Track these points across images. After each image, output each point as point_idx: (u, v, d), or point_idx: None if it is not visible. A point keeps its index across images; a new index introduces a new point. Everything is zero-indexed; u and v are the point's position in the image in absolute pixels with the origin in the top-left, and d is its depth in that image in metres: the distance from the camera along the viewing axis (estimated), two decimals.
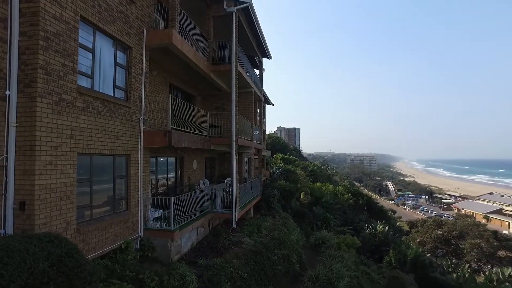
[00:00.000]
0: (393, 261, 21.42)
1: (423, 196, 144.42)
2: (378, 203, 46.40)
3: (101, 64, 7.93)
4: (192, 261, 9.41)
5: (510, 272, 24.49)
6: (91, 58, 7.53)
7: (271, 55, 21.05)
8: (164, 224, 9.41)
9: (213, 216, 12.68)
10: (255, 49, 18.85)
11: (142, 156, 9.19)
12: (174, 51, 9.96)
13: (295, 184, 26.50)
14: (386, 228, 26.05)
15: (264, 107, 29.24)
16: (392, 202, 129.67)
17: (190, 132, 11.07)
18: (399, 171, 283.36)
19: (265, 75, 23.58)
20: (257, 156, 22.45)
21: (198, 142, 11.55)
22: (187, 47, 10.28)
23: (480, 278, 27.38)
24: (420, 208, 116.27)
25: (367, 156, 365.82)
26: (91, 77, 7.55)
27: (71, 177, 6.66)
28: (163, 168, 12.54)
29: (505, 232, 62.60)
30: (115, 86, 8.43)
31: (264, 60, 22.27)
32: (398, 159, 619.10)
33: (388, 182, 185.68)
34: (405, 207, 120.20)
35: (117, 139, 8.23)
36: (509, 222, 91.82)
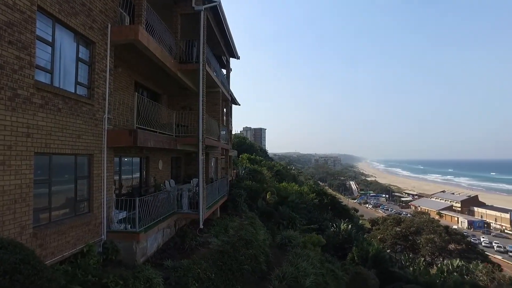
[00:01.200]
0: (356, 258, 22.20)
1: (384, 195, 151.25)
2: (342, 202, 47.94)
3: (62, 58, 7.53)
4: (158, 263, 9.21)
5: (458, 263, 26.37)
6: (50, 52, 7.12)
7: (239, 55, 21.08)
8: (129, 226, 9.12)
9: (180, 217, 12.47)
10: (223, 48, 18.78)
11: (105, 156, 8.85)
12: (140, 48, 9.68)
13: (261, 184, 26.71)
14: (349, 226, 26.97)
15: (231, 107, 29.19)
16: (355, 201, 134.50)
17: (156, 132, 10.82)
18: (361, 171, 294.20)
19: (232, 75, 23.56)
20: (223, 156, 22.35)
21: (164, 141, 11.31)
22: (154, 45, 10.03)
23: (434, 270, 29.09)
24: (381, 207, 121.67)
25: (331, 157, 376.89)
26: (51, 72, 7.14)
27: (27, 178, 6.27)
28: (128, 168, 12.14)
29: (454, 227, 67.10)
30: (77, 83, 8.05)
31: (232, 60, 22.26)
32: (361, 159, 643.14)
33: (351, 182, 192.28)
34: (367, 205, 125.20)
35: (79, 138, 7.86)
36: (458, 218, 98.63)
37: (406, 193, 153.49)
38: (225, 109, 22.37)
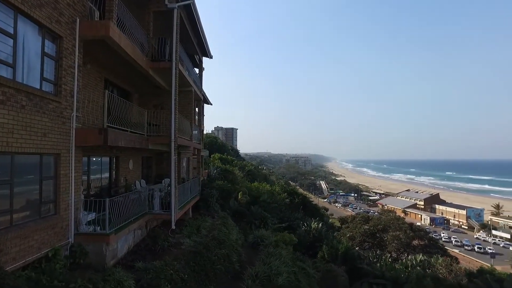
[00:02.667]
0: (326, 256, 22.68)
1: (353, 194, 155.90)
2: (312, 201, 48.87)
3: (25, 52, 7.14)
4: (130, 265, 8.98)
5: (420, 258, 27.73)
6: (12, 45, 6.73)
7: (212, 54, 20.95)
8: (99, 227, 8.80)
9: (151, 218, 12.22)
10: (196, 47, 18.59)
11: (73, 156, 8.49)
12: (111, 45, 9.38)
13: (233, 184, 26.69)
14: (320, 225, 27.52)
15: (203, 107, 28.92)
16: (325, 200, 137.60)
17: (127, 131, 10.53)
18: (331, 171, 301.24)
19: (204, 74, 23.36)
20: (195, 156, 22.13)
21: (135, 141, 11.04)
22: (125, 41, 9.76)
23: (399, 265, 30.33)
24: (350, 205, 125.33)
25: (302, 157, 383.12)
26: (13, 66, 6.74)
27: None
28: (97, 168, 11.72)
29: (418, 223, 70.47)
30: (42, 79, 7.66)
31: (205, 59, 22.07)
32: (330, 159, 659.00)
33: (321, 182, 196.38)
34: (337, 204, 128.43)
35: (44, 136, 7.49)
36: (421, 215, 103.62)
37: (373, 192, 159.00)
38: (197, 109, 22.16)
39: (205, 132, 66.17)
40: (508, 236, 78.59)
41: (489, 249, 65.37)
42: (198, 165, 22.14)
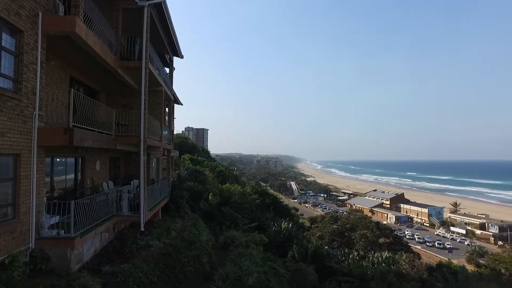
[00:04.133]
0: (296, 255, 23.08)
1: (322, 194, 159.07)
2: (283, 202, 49.46)
3: None
4: (96, 269, 8.69)
5: (386, 255, 28.84)
6: None
7: (183, 54, 20.69)
8: (63, 231, 8.43)
9: (119, 220, 11.89)
10: (166, 47, 18.29)
11: (35, 156, 8.09)
12: (78, 42, 9.03)
13: (203, 185, 26.49)
14: (290, 225, 27.95)
15: (173, 107, 28.50)
16: (295, 200, 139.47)
17: (94, 131, 10.19)
18: (301, 172, 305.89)
19: (175, 74, 23.05)
20: (165, 157, 21.77)
21: (103, 141, 10.71)
22: (92, 39, 9.44)
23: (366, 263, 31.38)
24: (319, 205, 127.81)
25: (273, 157, 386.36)
26: None
27: None
28: (62, 169, 11.22)
29: (384, 222, 73.23)
30: (0, 75, 7.28)
31: (175, 59, 21.75)
32: (300, 160, 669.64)
33: (291, 182, 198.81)
34: (307, 205, 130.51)
35: (3, 136, 7.11)
36: (387, 214, 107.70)
37: (342, 192, 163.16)
38: (167, 109, 21.80)
39: (175, 132, 65.16)
40: (464, 231, 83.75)
41: (447, 244, 69.14)
42: (168, 166, 21.79)
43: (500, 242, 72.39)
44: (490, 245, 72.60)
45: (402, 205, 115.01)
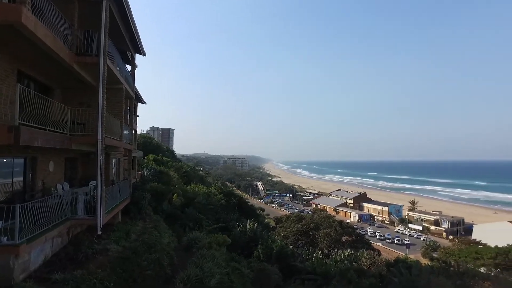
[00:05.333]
0: (261, 255, 23.15)
1: (288, 194, 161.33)
2: (249, 202, 49.58)
3: None
4: (45, 277, 8.16)
5: (348, 253, 29.72)
6: None
7: (145, 52, 20.11)
8: (6, 238, 7.76)
9: (74, 224, 11.31)
10: (128, 43, 17.68)
11: None
12: (25, 33, 8.38)
13: (167, 186, 25.93)
14: (255, 225, 28.01)
15: (136, 105, 27.68)
16: (261, 200, 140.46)
17: (45, 129, 9.59)
18: (267, 172, 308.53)
19: (138, 72, 22.38)
20: (126, 157, 21.06)
21: (56, 140, 10.13)
22: (43, 31, 8.84)
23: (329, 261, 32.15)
24: (285, 205, 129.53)
25: (239, 158, 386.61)
26: None
27: None
28: (8, 170, 10.44)
29: (347, 221, 75.57)
30: None
31: (138, 56, 21.10)
32: (267, 160, 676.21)
33: (258, 182, 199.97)
34: (273, 205, 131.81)
35: None
36: (350, 213, 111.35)
37: (308, 192, 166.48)
38: (129, 107, 21.11)
39: (139, 132, 63.27)
40: (420, 228, 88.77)
41: (405, 240, 72.68)
42: (129, 166, 21.08)
43: (450, 237, 77.33)
44: (443, 239, 77.36)
45: (364, 204, 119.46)
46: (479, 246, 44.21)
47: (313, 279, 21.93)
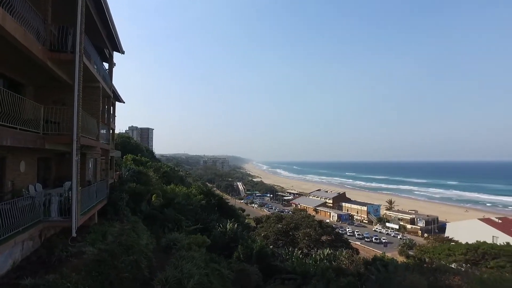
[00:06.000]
0: (241, 256, 23.12)
1: (268, 195, 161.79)
2: (229, 202, 49.40)
3: None
4: (13, 283, 7.80)
5: (327, 252, 30.12)
6: None
7: (124, 49, 19.67)
8: None
9: (47, 226, 10.91)
10: (105, 40, 17.23)
11: None
12: None
13: (146, 187, 25.46)
14: (236, 225, 27.93)
15: (113, 104, 27.03)
16: (242, 201, 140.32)
17: (16, 128, 9.20)
18: (248, 172, 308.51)
19: (117, 70, 21.85)
20: (104, 157, 20.54)
21: (28, 140, 9.75)
22: (12, 24, 8.43)
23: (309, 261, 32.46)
24: (266, 206, 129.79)
25: (220, 158, 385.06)
26: None
27: None
28: None
29: (327, 220, 76.57)
30: None
31: (117, 55, 20.59)
32: (248, 161, 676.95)
33: (238, 183, 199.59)
34: (253, 205, 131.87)
35: None
36: (330, 213, 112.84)
37: (288, 192, 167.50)
38: (106, 106, 20.58)
39: (117, 131, 61.84)
40: (397, 226, 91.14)
41: (383, 239, 74.40)
42: (106, 166, 20.58)
43: (425, 235, 79.77)
44: (418, 237, 79.67)
45: (343, 204, 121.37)
46: (452, 243, 45.85)
47: (293, 279, 22.10)
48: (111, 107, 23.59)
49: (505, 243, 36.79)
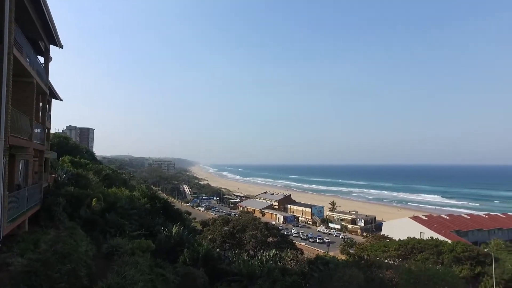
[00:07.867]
0: (187, 259, 22.72)
1: (215, 197, 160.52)
2: (175, 206, 48.18)
3: None
4: None
5: (273, 253, 30.80)
6: None
7: (62, 43, 18.33)
8: None
9: None
10: (40, 32, 15.93)
11: None
12: None
13: (86, 190, 23.89)
14: (181, 229, 27.35)
15: (50, 102, 25.05)
16: (188, 204, 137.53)
17: None
18: (195, 175, 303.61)
19: (55, 66, 20.29)
20: (37, 159, 18.90)
21: None
22: None
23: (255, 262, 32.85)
24: (212, 209, 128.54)
25: (165, 160, 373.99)
26: None
27: None
28: None
29: (273, 222, 78.14)
30: None
31: (55, 49, 19.14)
32: (194, 163, 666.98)
33: (184, 186, 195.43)
34: (200, 208, 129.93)
35: None
36: (276, 214, 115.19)
37: (235, 195, 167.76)
38: (41, 104, 19.01)
39: (53, 131, 57.22)
40: (339, 227, 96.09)
41: (326, 239, 77.77)
42: (40, 169, 18.95)
43: (364, 233, 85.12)
44: (358, 236, 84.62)
45: (289, 206, 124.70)
46: (387, 241, 49.56)
47: (239, 280, 22.25)
48: (47, 105, 21.86)
49: (429, 238, 41.41)
